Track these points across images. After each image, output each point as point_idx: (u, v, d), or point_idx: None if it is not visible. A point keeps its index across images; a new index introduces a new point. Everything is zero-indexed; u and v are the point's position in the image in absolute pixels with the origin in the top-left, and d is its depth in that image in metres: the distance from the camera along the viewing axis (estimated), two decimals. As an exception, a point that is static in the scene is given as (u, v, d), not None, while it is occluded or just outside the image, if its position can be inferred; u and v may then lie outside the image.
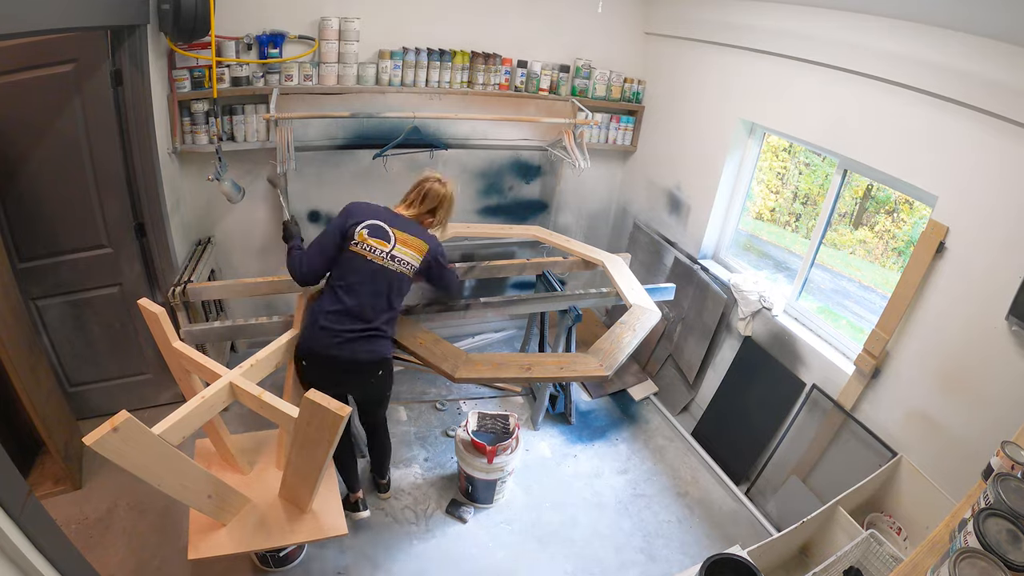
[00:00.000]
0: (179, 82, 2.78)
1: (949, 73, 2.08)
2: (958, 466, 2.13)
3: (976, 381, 2.11)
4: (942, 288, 2.21)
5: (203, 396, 1.78)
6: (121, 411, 1.47)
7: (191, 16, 2.44)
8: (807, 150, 3.23)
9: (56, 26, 1.75)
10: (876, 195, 3.14)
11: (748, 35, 2.94)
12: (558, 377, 2.50)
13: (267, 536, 2.02)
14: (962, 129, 2.09)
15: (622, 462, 3.22)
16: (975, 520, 1.17)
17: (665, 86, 3.64)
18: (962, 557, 1.12)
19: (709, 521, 2.89)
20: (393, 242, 2.20)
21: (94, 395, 2.96)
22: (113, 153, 2.51)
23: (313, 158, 3.26)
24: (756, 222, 3.53)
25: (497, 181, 3.76)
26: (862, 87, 2.43)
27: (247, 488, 2.13)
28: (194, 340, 2.58)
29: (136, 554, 2.40)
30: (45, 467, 2.63)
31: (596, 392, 3.71)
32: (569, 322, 3.05)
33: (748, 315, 3.03)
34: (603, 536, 2.77)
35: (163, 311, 1.89)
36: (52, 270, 2.62)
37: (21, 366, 2.27)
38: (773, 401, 2.93)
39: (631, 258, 3.48)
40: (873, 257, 3.14)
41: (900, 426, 2.38)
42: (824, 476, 2.66)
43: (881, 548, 2.09)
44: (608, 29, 3.57)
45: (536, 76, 3.49)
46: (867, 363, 2.44)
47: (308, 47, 3.03)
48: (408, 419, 3.36)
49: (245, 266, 3.49)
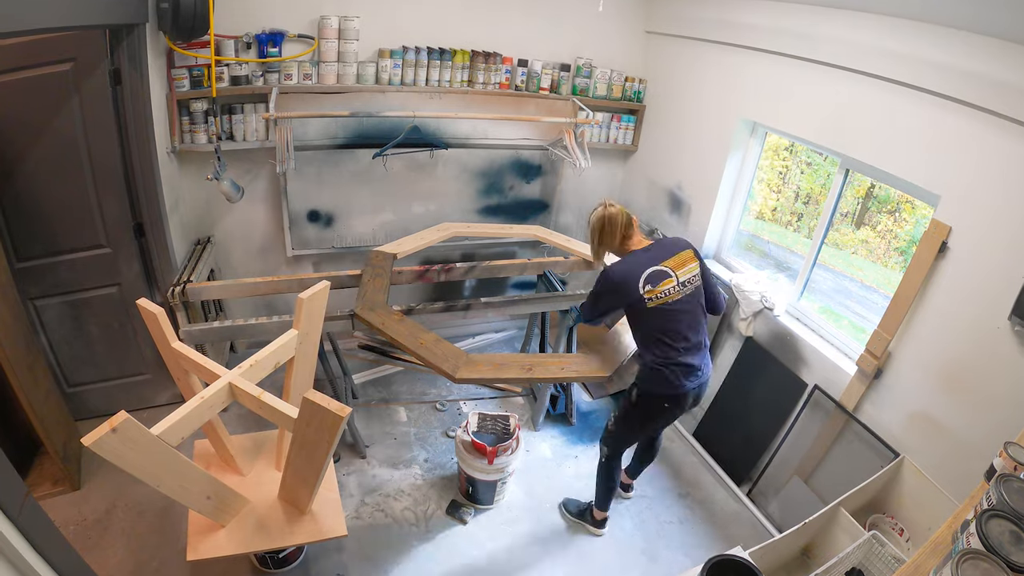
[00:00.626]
0: (178, 81, 2.77)
1: (952, 72, 2.07)
2: (961, 467, 2.11)
3: (979, 382, 2.09)
4: (944, 288, 2.20)
5: (202, 396, 1.76)
6: (120, 411, 1.46)
7: (190, 15, 2.44)
8: (809, 149, 3.22)
9: (54, 25, 1.74)
10: (878, 194, 3.13)
11: (749, 34, 2.93)
12: (559, 377, 2.50)
13: (267, 537, 2.01)
14: (965, 128, 2.07)
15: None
16: (978, 521, 1.16)
17: (666, 85, 3.62)
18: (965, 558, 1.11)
19: (711, 522, 2.88)
20: (672, 272, 2.21)
21: (92, 395, 2.96)
22: (112, 152, 2.50)
23: (313, 157, 3.26)
24: (757, 222, 3.52)
25: (498, 181, 3.75)
26: (864, 86, 2.41)
27: (246, 489, 2.12)
28: (193, 340, 2.59)
29: (135, 555, 2.39)
30: (43, 468, 2.62)
31: (597, 392, 3.69)
32: (570, 322, 3.04)
33: (749, 315, 3.01)
34: (604, 537, 2.76)
35: (162, 311, 1.88)
36: (50, 270, 2.61)
37: (19, 366, 2.26)
38: (775, 402, 2.91)
39: None
40: (875, 257, 3.13)
41: (902, 427, 2.37)
42: (826, 477, 2.65)
43: (883, 549, 2.08)
44: (609, 28, 3.57)
45: (537, 75, 3.48)
46: (869, 363, 2.42)
47: (307, 46, 3.02)
48: (408, 420, 3.35)
49: (244, 266, 3.48)
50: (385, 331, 2.52)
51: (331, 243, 3.57)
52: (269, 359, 1.99)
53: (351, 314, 2.66)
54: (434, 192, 3.64)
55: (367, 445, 3.09)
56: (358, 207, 3.52)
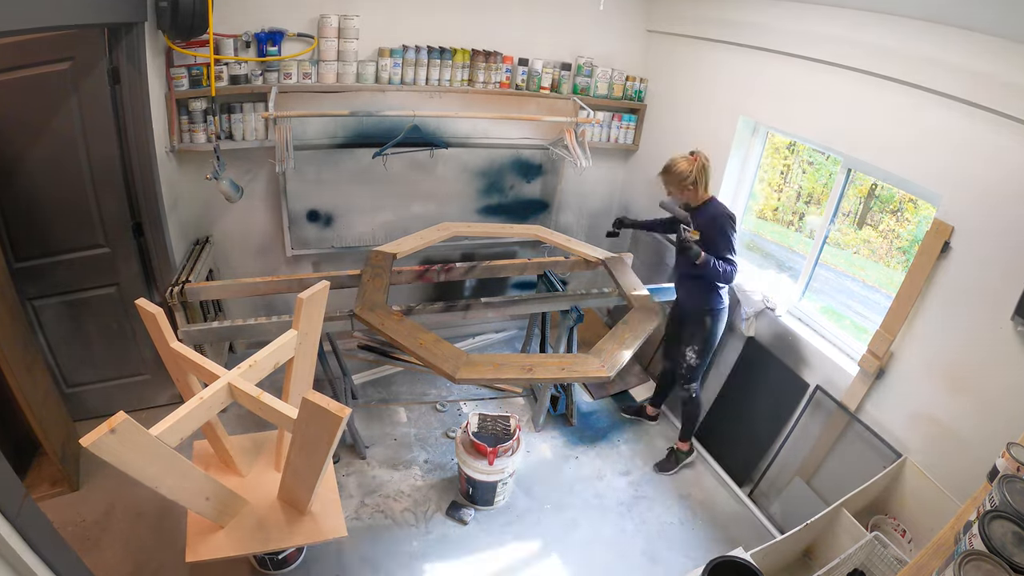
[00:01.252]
0: (177, 80, 2.77)
1: (955, 71, 2.06)
2: (963, 468, 2.11)
3: (981, 382, 2.09)
4: (947, 288, 2.19)
5: (201, 397, 1.75)
6: (119, 412, 1.44)
7: (189, 13, 2.43)
8: (811, 149, 3.21)
9: (52, 23, 1.74)
10: (880, 194, 3.12)
11: (751, 33, 2.92)
12: (559, 378, 2.49)
13: (266, 538, 2.00)
14: (968, 128, 2.07)
15: (624, 464, 3.20)
16: (980, 522, 1.17)
17: (667, 84, 3.62)
18: (967, 560, 1.11)
19: (712, 523, 2.87)
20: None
21: (91, 396, 2.95)
22: (110, 152, 2.50)
23: (312, 157, 3.25)
24: (759, 221, 3.51)
25: (498, 180, 3.74)
26: (867, 85, 2.41)
27: (245, 490, 2.11)
28: (192, 341, 2.58)
29: (134, 556, 2.39)
30: (42, 469, 2.61)
31: (598, 393, 3.69)
32: (571, 322, 3.03)
33: (751, 315, 3.01)
34: (605, 539, 2.75)
35: (161, 311, 1.87)
36: (49, 270, 2.60)
37: (17, 367, 2.25)
38: (776, 402, 2.91)
39: (633, 258, 3.47)
40: (877, 257, 3.13)
41: (904, 427, 2.36)
42: (828, 478, 2.65)
43: (885, 551, 2.08)
44: (610, 27, 3.56)
45: (537, 74, 3.47)
46: (871, 364, 2.42)
47: (307, 45, 3.01)
48: (408, 420, 3.34)
49: (244, 266, 3.47)
50: (385, 331, 2.50)
51: (331, 243, 3.56)
52: (268, 359, 1.98)
53: (351, 314, 2.66)
54: (434, 192, 3.63)
55: (367, 446, 3.08)
56: (358, 207, 3.51)
